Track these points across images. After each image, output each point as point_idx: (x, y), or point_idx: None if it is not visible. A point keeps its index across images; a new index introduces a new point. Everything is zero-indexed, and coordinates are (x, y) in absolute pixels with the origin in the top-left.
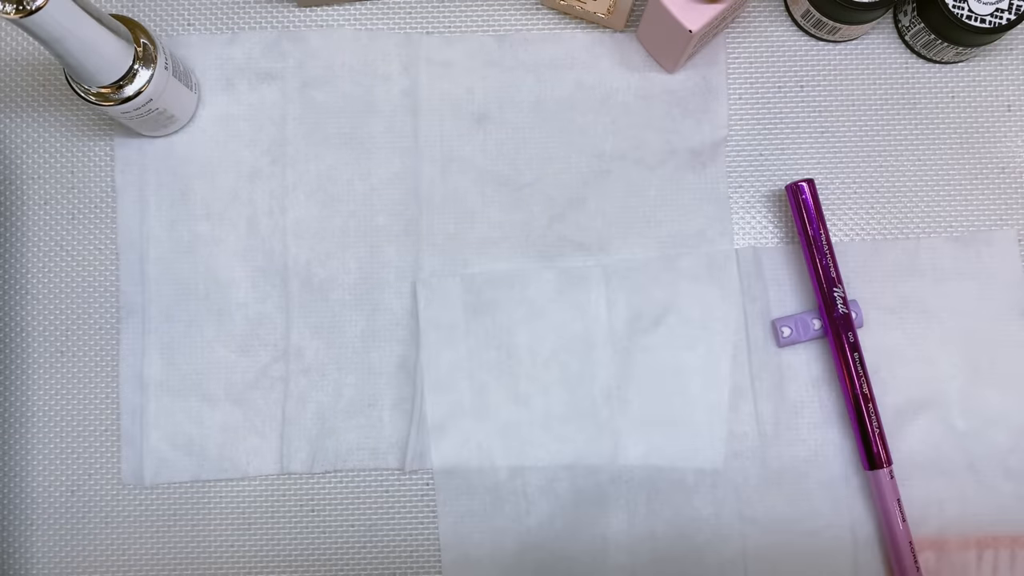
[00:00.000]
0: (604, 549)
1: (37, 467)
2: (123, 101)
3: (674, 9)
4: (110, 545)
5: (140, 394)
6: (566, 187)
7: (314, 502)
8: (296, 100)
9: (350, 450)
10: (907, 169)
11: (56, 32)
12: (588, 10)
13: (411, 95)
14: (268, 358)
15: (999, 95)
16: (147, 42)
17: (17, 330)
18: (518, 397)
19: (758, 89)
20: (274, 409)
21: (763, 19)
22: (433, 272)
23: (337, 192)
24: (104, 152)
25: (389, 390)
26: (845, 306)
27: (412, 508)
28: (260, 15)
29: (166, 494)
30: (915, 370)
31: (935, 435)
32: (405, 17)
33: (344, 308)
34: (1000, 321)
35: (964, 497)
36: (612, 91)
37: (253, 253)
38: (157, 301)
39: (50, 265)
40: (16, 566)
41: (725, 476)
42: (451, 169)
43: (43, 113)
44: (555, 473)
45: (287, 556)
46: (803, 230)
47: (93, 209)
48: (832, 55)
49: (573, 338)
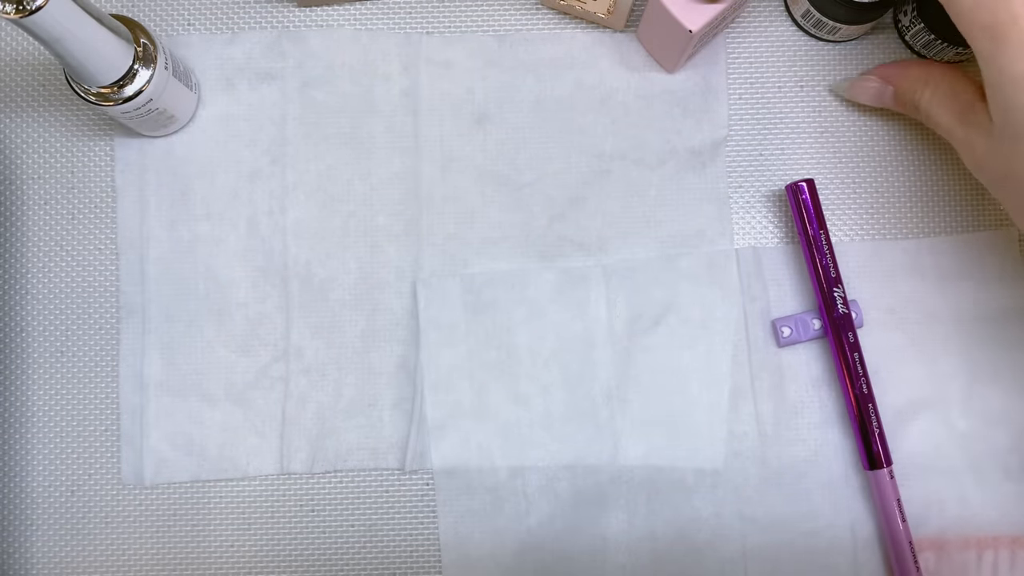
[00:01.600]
0: (604, 549)
1: (37, 467)
2: (123, 101)
3: (674, 9)
4: (110, 545)
5: (140, 394)
6: (566, 187)
7: (314, 502)
8: (296, 100)
9: (350, 450)
10: (907, 169)
11: (56, 32)
12: (588, 10)
13: (411, 95)
14: (268, 358)
15: None
16: (147, 42)
17: (17, 330)
18: (518, 397)
19: (758, 89)
20: (274, 409)
21: (763, 19)
22: (433, 272)
23: (337, 192)
24: (104, 152)
25: (389, 390)
26: (845, 306)
27: (412, 508)
28: (260, 15)
29: (166, 494)
30: (915, 370)
31: (935, 435)
32: (405, 17)
33: (344, 308)
34: (1000, 321)
35: (964, 497)
36: (612, 91)
37: (253, 253)
38: (157, 301)
39: (50, 265)
40: (16, 566)
41: (725, 476)
42: (451, 169)
43: (43, 113)
44: (555, 473)
45: (287, 556)
46: (803, 230)
47: (93, 209)
48: (832, 55)
49: (573, 338)
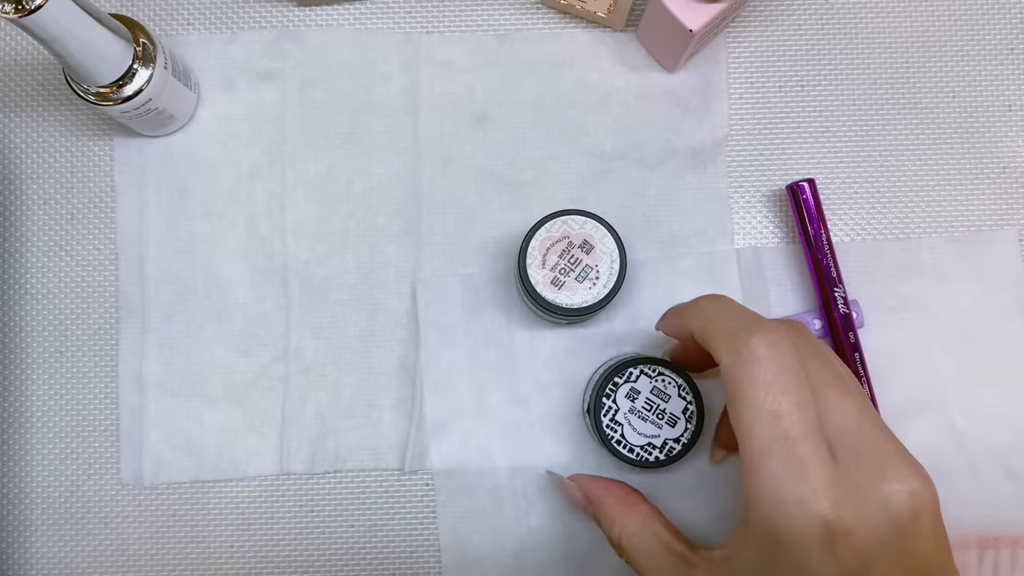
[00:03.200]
0: (604, 549)
1: (36, 467)
2: (122, 101)
3: (674, 9)
4: (109, 545)
5: (139, 394)
6: (566, 187)
7: (314, 502)
8: (295, 100)
9: (350, 450)
10: (907, 169)
11: (55, 32)
12: (588, 9)
13: (411, 94)
14: (268, 358)
15: (999, 95)
16: (146, 42)
17: (16, 330)
18: (518, 397)
19: (758, 89)
20: (274, 409)
21: (763, 19)
22: (433, 272)
23: (337, 192)
24: (103, 152)
25: (389, 390)
26: (846, 306)
27: (412, 508)
28: (260, 14)
29: (165, 494)
30: (915, 370)
31: (935, 435)
32: (405, 16)
33: (344, 308)
34: (1000, 321)
35: (964, 497)
36: (612, 90)
37: (253, 253)
38: (156, 301)
39: (49, 265)
40: (15, 566)
41: (725, 476)
42: (451, 168)
43: (42, 113)
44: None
45: (287, 556)
46: (803, 230)
47: (92, 209)
48: (832, 55)
49: (573, 337)
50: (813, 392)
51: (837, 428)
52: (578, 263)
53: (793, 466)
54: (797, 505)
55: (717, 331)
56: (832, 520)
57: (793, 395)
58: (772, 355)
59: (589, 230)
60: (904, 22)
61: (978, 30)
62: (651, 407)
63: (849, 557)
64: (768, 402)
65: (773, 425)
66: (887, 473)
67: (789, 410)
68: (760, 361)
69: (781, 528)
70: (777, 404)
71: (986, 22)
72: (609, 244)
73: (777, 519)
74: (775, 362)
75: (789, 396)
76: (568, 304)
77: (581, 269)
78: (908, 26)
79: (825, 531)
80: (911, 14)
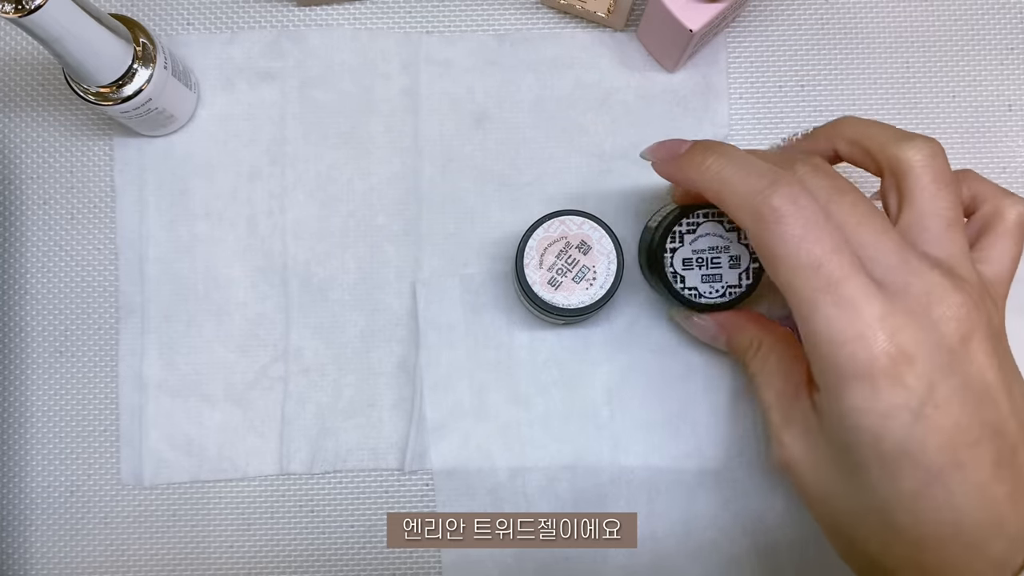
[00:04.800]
0: (604, 549)
1: (36, 467)
2: (122, 100)
3: (674, 8)
4: (109, 545)
5: (139, 394)
6: (566, 187)
7: (314, 502)
8: (295, 99)
9: (350, 450)
10: None
11: (55, 32)
12: (588, 9)
13: (411, 94)
14: (267, 358)
15: (999, 95)
16: (146, 41)
17: (16, 330)
18: (518, 397)
19: (758, 89)
20: (274, 409)
21: (763, 19)
22: (433, 272)
23: (336, 192)
24: (103, 152)
25: (389, 390)
26: None
27: (412, 508)
28: (260, 14)
29: (165, 494)
30: None
31: None
32: (405, 16)
33: (344, 308)
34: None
35: None
36: (612, 90)
37: (252, 253)
38: (156, 301)
39: (49, 265)
40: (15, 566)
41: (725, 476)
42: (451, 168)
43: (42, 113)
44: (555, 474)
45: (287, 556)
46: None
47: (92, 209)
48: (832, 55)
49: (573, 337)
50: (848, 234)
51: (880, 264)
52: (575, 263)
53: (845, 307)
54: (857, 342)
55: (733, 195)
56: (892, 350)
57: (827, 242)
58: (796, 211)
59: (587, 230)
60: (904, 22)
61: (978, 30)
62: (713, 251)
63: (915, 383)
64: (803, 257)
65: (814, 275)
66: (933, 300)
67: (827, 257)
68: (785, 220)
69: (845, 368)
70: (812, 256)
71: (986, 22)
72: (607, 245)
73: (841, 361)
74: (801, 216)
75: (823, 244)
76: (565, 304)
77: (578, 269)
78: (908, 26)
79: (889, 361)
80: (911, 14)
